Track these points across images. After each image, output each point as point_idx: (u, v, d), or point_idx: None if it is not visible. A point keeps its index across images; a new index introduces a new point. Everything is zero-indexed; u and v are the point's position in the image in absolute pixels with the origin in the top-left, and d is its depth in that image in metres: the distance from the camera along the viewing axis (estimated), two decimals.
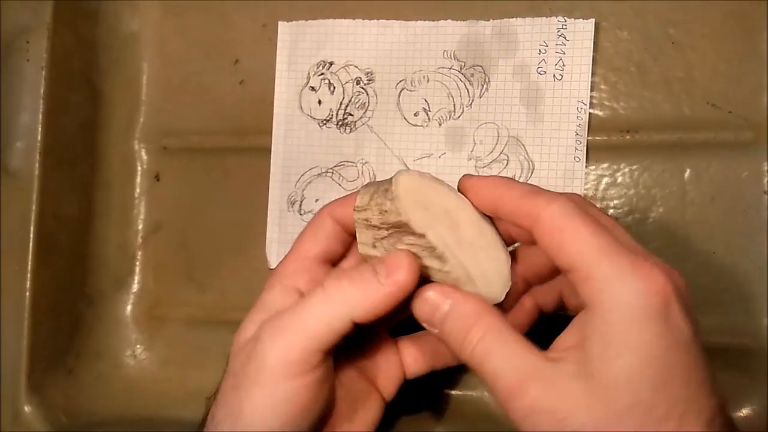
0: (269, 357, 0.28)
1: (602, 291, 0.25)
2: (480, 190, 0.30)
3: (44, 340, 0.44)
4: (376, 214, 0.29)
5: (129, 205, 0.48)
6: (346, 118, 0.44)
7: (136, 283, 0.48)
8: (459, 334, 0.28)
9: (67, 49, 0.44)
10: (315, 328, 0.28)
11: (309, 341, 0.28)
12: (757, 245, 0.38)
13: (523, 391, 0.25)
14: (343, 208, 0.32)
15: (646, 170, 0.40)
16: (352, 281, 0.28)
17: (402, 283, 0.28)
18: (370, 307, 0.28)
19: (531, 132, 0.41)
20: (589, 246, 0.25)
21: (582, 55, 0.40)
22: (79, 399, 0.45)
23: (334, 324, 0.28)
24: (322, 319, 0.28)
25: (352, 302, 0.28)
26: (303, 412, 0.29)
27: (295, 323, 0.28)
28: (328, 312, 0.28)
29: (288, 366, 0.28)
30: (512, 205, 0.28)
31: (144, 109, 0.48)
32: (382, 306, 0.28)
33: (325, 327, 0.28)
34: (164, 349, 0.47)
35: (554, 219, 0.26)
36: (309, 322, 0.28)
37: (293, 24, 0.45)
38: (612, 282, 0.25)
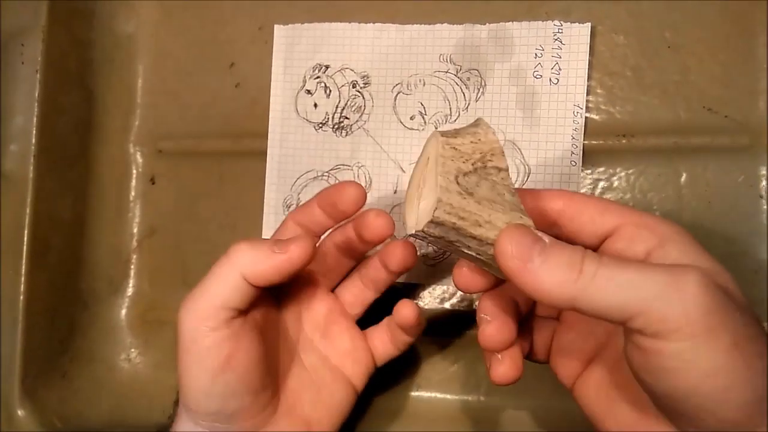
0: (186, 324, 0.31)
1: (662, 227, 0.28)
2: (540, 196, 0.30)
3: (38, 343, 0.43)
4: (467, 141, 0.29)
5: (124, 209, 0.48)
6: (342, 121, 0.44)
7: (131, 287, 0.48)
8: (573, 263, 0.24)
9: (62, 52, 0.44)
10: (215, 288, 0.31)
11: (212, 299, 0.31)
12: (753, 249, 0.38)
13: (687, 271, 0.24)
14: (304, 215, 0.36)
15: (643, 174, 0.40)
16: (251, 245, 0.31)
17: (292, 256, 0.31)
18: (260, 271, 0.31)
19: (527, 136, 0.41)
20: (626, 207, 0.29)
21: (578, 59, 0.40)
22: (72, 402, 0.45)
23: (230, 282, 0.31)
24: (220, 280, 0.31)
25: (245, 263, 0.31)
26: (227, 365, 0.31)
27: (201, 288, 0.32)
28: (225, 272, 0.31)
29: (199, 324, 0.31)
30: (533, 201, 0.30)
31: (139, 111, 0.48)
32: (272, 271, 0.31)
33: (222, 286, 0.31)
34: (158, 353, 0.47)
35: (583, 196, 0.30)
36: (211, 284, 0.31)
37: (289, 27, 0.45)
38: (663, 223, 0.28)
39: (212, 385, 0.31)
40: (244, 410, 0.32)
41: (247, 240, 0.32)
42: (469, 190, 0.27)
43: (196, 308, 0.31)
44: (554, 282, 0.24)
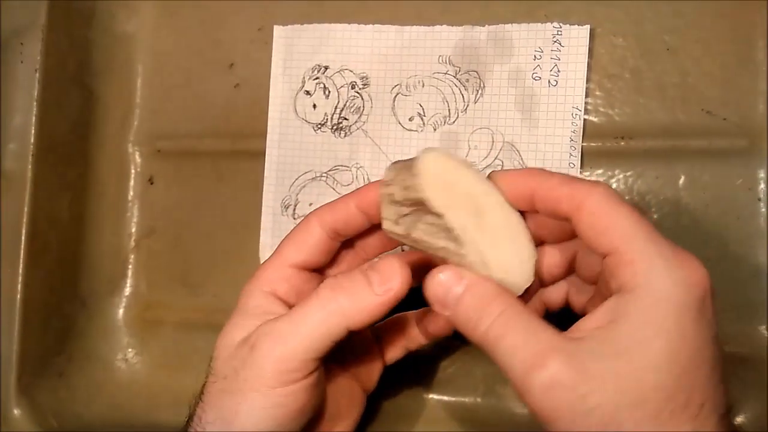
0: (266, 363, 0.29)
1: (646, 274, 0.25)
2: (515, 179, 0.29)
3: (35, 342, 0.43)
4: (400, 189, 0.29)
5: (122, 208, 0.48)
6: (341, 122, 0.44)
7: (129, 287, 0.48)
8: (475, 312, 0.27)
9: (61, 51, 0.44)
10: (312, 336, 0.29)
11: (306, 349, 0.29)
12: (752, 252, 0.38)
13: (543, 364, 0.24)
14: (333, 214, 0.32)
15: (641, 177, 0.40)
16: (347, 292, 0.29)
17: (396, 291, 0.29)
18: (366, 316, 0.29)
19: (525, 138, 0.41)
20: (636, 231, 0.26)
21: (577, 61, 0.40)
22: (69, 402, 0.45)
23: (332, 333, 0.29)
24: (319, 328, 0.29)
25: (348, 312, 0.29)
26: (297, 414, 0.30)
27: (293, 331, 0.29)
28: (325, 321, 0.29)
29: (285, 373, 0.29)
30: (551, 193, 0.28)
31: (138, 111, 0.48)
32: (377, 314, 0.29)
33: (322, 336, 0.29)
34: (156, 352, 0.47)
35: (600, 202, 0.26)
36: (306, 330, 0.29)
37: (289, 28, 0.45)
38: (657, 267, 0.25)
39: (271, 428, 0.29)
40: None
41: (337, 283, 0.29)
42: (407, 231, 0.29)
43: (287, 352, 0.29)
44: (463, 328, 0.27)
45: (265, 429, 0.29)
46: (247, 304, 0.32)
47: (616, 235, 0.26)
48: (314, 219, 0.33)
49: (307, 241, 0.33)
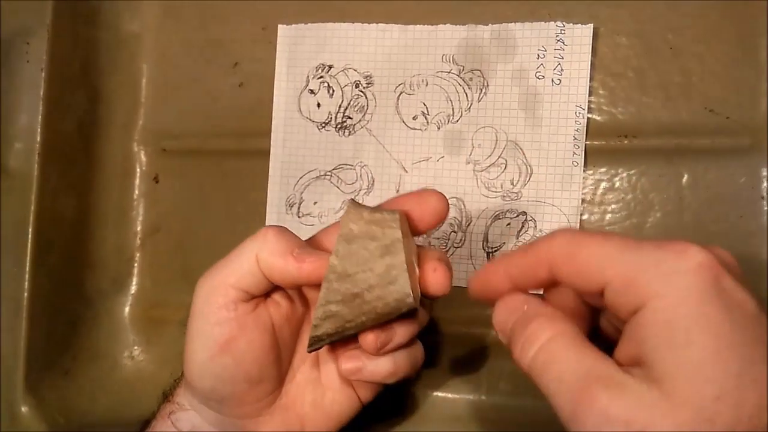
0: (199, 292, 0.32)
1: (646, 287, 0.23)
2: (487, 284, 0.29)
3: (41, 340, 0.43)
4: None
5: (127, 207, 0.48)
6: (345, 121, 0.44)
7: (134, 285, 0.48)
8: (527, 339, 0.26)
9: (66, 51, 0.44)
10: (233, 265, 0.32)
11: (227, 275, 0.31)
12: (754, 250, 0.38)
13: (592, 396, 0.22)
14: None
15: (644, 175, 0.40)
16: (278, 236, 0.31)
17: (303, 271, 0.30)
18: (271, 266, 0.31)
19: (529, 136, 0.41)
20: (610, 251, 0.24)
21: (580, 60, 0.40)
22: (75, 400, 0.45)
23: (246, 263, 0.31)
24: (240, 258, 0.31)
25: (264, 250, 0.31)
26: (227, 347, 0.31)
27: (223, 262, 0.32)
28: (245, 252, 0.31)
29: (210, 297, 0.31)
30: (520, 270, 0.27)
31: (143, 110, 0.48)
32: (279, 272, 0.31)
33: (239, 265, 0.31)
34: (161, 350, 0.47)
35: (566, 248, 0.25)
36: (231, 260, 0.32)
37: (293, 27, 0.45)
38: (652, 273, 0.23)
39: (209, 364, 0.31)
40: (237, 396, 0.32)
41: (279, 229, 0.32)
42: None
43: (212, 279, 0.32)
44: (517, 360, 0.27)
45: (207, 349, 0.31)
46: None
47: (598, 270, 0.24)
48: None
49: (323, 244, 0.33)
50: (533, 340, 0.25)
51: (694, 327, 0.21)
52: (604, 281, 0.24)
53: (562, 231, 0.26)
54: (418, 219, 0.32)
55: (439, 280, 0.31)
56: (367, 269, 0.29)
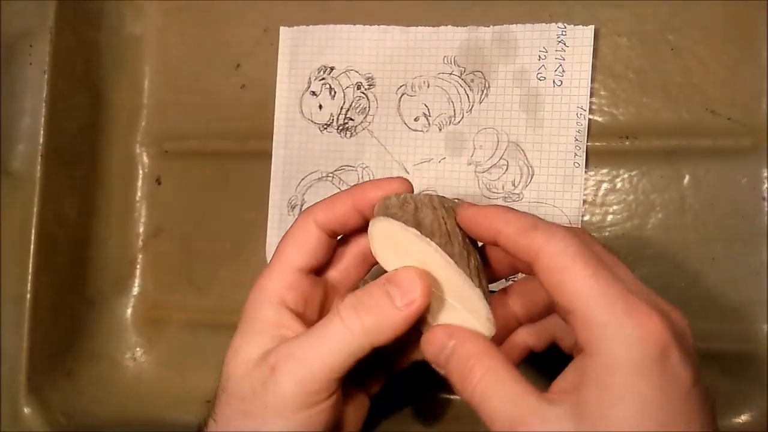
0: (288, 387, 0.28)
1: (599, 338, 0.24)
2: (478, 222, 0.29)
3: (44, 341, 0.44)
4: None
5: (130, 208, 0.48)
6: (347, 122, 0.44)
7: (136, 286, 0.48)
8: (460, 375, 0.27)
9: (69, 53, 0.45)
10: (335, 357, 0.28)
11: (329, 371, 0.28)
12: (755, 251, 0.38)
13: (525, 427, 0.24)
14: (327, 212, 0.32)
15: (645, 176, 0.40)
16: (369, 310, 0.28)
17: (419, 304, 0.28)
18: (390, 333, 0.28)
19: (531, 137, 0.41)
20: (588, 288, 0.24)
21: (581, 61, 0.40)
22: (78, 401, 0.45)
23: (355, 352, 0.28)
24: (342, 349, 0.28)
25: (372, 330, 0.28)
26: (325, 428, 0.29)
27: (316, 353, 0.28)
28: (348, 341, 0.28)
29: (308, 395, 0.28)
30: (510, 242, 0.27)
31: (146, 112, 0.48)
32: (401, 329, 0.28)
33: (345, 356, 0.28)
34: (163, 351, 0.47)
35: (553, 257, 0.25)
36: (329, 351, 0.28)
37: (295, 29, 0.45)
38: (609, 329, 0.24)
39: None
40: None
41: (358, 302, 0.29)
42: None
43: (311, 376, 0.28)
44: (457, 388, 0.27)
45: None
46: (256, 317, 0.31)
47: (569, 292, 0.25)
48: (310, 219, 0.32)
49: (309, 243, 0.32)
50: (467, 380, 0.27)
51: (626, 393, 0.23)
52: (570, 309, 0.25)
53: (562, 236, 0.26)
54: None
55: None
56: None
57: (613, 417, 0.23)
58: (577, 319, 0.25)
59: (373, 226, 0.29)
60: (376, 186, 0.31)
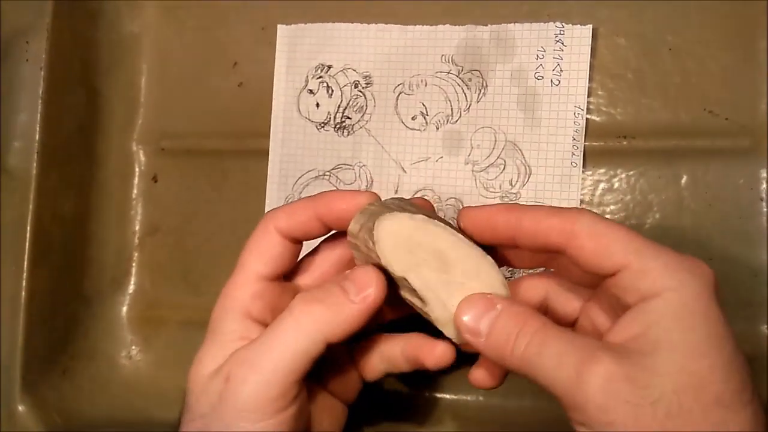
0: (244, 397, 0.27)
1: (664, 280, 0.25)
2: (491, 218, 0.29)
3: (39, 340, 0.43)
4: (363, 247, 0.29)
5: (126, 206, 0.48)
6: (344, 121, 0.44)
7: (132, 285, 0.48)
8: (511, 334, 0.26)
9: (66, 50, 0.44)
10: (291, 358, 0.27)
11: (285, 373, 0.27)
12: (754, 252, 0.38)
13: (596, 360, 0.24)
14: (288, 219, 0.31)
15: (643, 176, 0.40)
16: (323, 303, 0.28)
17: (374, 298, 0.28)
18: (345, 327, 0.28)
19: (528, 137, 0.41)
20: (637, 245, 0.26)
21: (579, 61, 0.40)
22: (73, 400, 0.45)
23: (309, 349, 0.27)
24: (297, 348, 0.27)
25: (326, 325, 0.28)
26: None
27: (269, 356, 0.27)
28: (301, 338, 0.27)
29: (267, 403, 0.27)
30: (539, 225, 0.28)
31: (142, 110, 0.48)
32: (356, 323, 0.28)
33: (301, 356, 0.27)
34: (159, 350, 0.47)
35: (593, 227, 0.27)
36: (283, 353, 0.27)
37: (292, 27, 0.45)
38: (671, 271, 0.25)
39: None
40: None
41: (311, 297, 0.28)
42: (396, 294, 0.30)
43: (266, 381, 0.27)
44: (495, 356, 0.27)
45: None
46: (219, 330, 0.30)
47: (621, 253, 0.26)
48: (271, 225, 0.31)
49: (271, 250, 0.31)
50: (524, 332, 0.26)
51: (699, 319, 0.24)
52: (622, 265, 0.26)
53: (588, 211, 0.27)
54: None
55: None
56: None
57: (696, 341, 0.24)
58: (633, 271, 0.25)
59: (379, 228, 0.29)
60: (342, 197, 0.31)
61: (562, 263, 0.31)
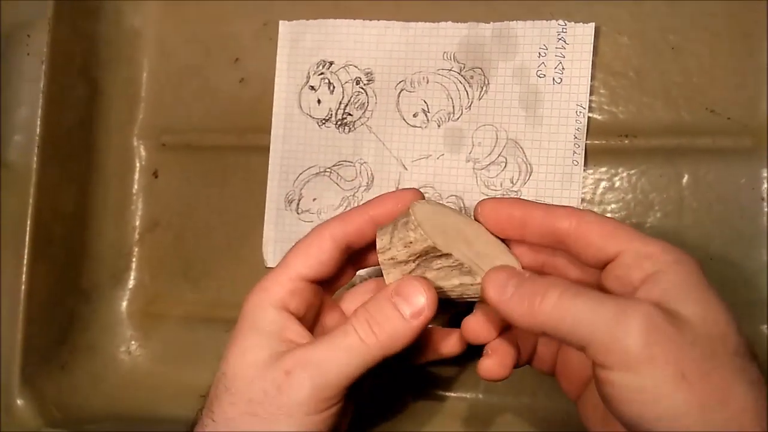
0: (304, 392, 0.29)
1: (666, 258, 0.27)
2: (506, 207, 0.31)
3: (38, 334, 0.43)
4: (401, 249, 0.30)
5: (126, 201, 0.48)
6: (345, 117, 0.44)
7: (132, 280, 0.48)
8: (540, 290, 0.27)
9: (67, 44, 0.44)
10: (350, 368, 0.29)
11: (343, 380, 0.29)
12: (754, 251, 0.38)
13: (635, 304, 0.26)
14: (346, 227, 0.33)
15: (644, 175, 0.40)
16: (381, 325, 0.30)
17: (427, 314, 0.30)
18: (402, 344, 0.30)
19: (529, 135, 0.41)
20: (636, 232, 0.29)
21: (581, 59, 0.40)
22: (72, 394, 0.45)
23: (369, 364, 0.30)
24: (359, 361, 0.29)
25: (386, 344, 0.30)
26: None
27: (333, 362, 0.29)
28: (364, 354, 0.29)
29: (321, 402, 0.29)
30: (550, 213, 0.30)
31: (143, 105, 0.48)
32: (411, 340, 0.30)
33: (360, 367, 0.30)
34: (159, 345, 0.47)
35: (596, 216, 0.30)
36: (347, 362, 0.29)
37: (294, 23, 0.45)
38: (669, 252, 0.28)
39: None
40: None
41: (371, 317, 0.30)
42: None
43: (326, 383, 0.29)
44: (521, 312, 0.27)
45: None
46: (261, 319, 0.32)
47: (624, 236, 0.28)
48: (326, 233, 0.33)
49: (320, 256, 0.32)
50: (551, 292, 0.27)
51: (704, 286, 0.27)
52: (626, 247, 0.28)
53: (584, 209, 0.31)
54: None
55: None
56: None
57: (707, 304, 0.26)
58: (637, 252, 0.28)
59: (416, 212, 0.30)
60: (393, 196, 0.33)
61: (559, 264, 0.32)
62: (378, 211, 0.33)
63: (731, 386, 0.25)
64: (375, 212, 0.33)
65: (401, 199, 0.33)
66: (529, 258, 0.33)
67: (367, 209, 0.33)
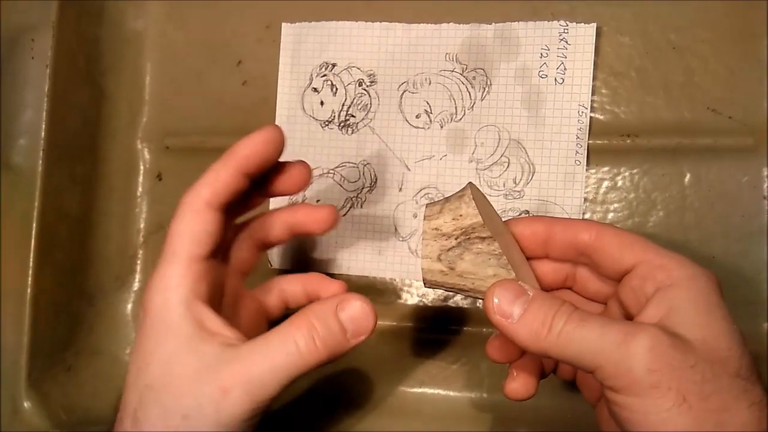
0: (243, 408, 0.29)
1: (680, 272, 0.28)
2: (529, 225, 0.32)
3: (44, 336, 0.44)
4: (449, 220, 0.30)
5: (131, 204, 0.48)
6: (348, 119, 0.44)
7: (137, 282, 0.48)
8: (547, 316, 0.27)
9: (71, 48, 0.45)
10: (287, 381, 0.29)
11: (279, 390, 0.29)
12: (756, 250, 0.38)
13: (641, 329, 0.26)
14: (213, 186, 0.32)
15: (647, 174, 0.40)
16: (325, 341, 0.30)
17: (367, 337, 0.30)
18: (336, 359, 0.30)
19: (532, 135, 0.41)
20: (652, 244, 0.30)
21: (583, 59, 0.41)
22: (78, 396, 0.45)
23: (303, 373, 0.30)
24: (295, 374, 0.29)
25: (323, 358, 0.30)
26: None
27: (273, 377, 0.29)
28: (302, 366, 0.29)
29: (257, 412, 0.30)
30: (571, 226, 0.31)
31: (147, 108, 0.48)
32: (347, 354, 0.31)
33: (294, 378, 0.29)
34: None
35: (614, 229, 0.31)
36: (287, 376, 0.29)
37: (296, 25, 0.45)
38: (683, 267, 0.28)
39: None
40: None
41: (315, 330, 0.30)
42: (451, 265, 0.30)
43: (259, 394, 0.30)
44: (527, 337, 0.28)
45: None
46: (172, 322, 0.30)
47: (641, 249, 0.29)
48: (200, 202, 0.31)
49: (205, 228, 0.31)
50: (561, 313, 0.27)
51: (713, 305, 0.27)
52: (642, 259, 0.29)
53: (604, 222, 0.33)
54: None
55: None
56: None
57: (715, 323, 0.27)
58: (652, 264, 0.29)
59: (474, 188, 0.31)
60: (249, 140, 0.32)
61: (579, 278, 0.33)
62: (240, 157, 0.32)
63: (730, 408, 0.25)
64: (240, 163, 0.32)
65: (261, 139, 0.32)
66: (552, 275, 0.33)
67: (228, 160, 0.32)
